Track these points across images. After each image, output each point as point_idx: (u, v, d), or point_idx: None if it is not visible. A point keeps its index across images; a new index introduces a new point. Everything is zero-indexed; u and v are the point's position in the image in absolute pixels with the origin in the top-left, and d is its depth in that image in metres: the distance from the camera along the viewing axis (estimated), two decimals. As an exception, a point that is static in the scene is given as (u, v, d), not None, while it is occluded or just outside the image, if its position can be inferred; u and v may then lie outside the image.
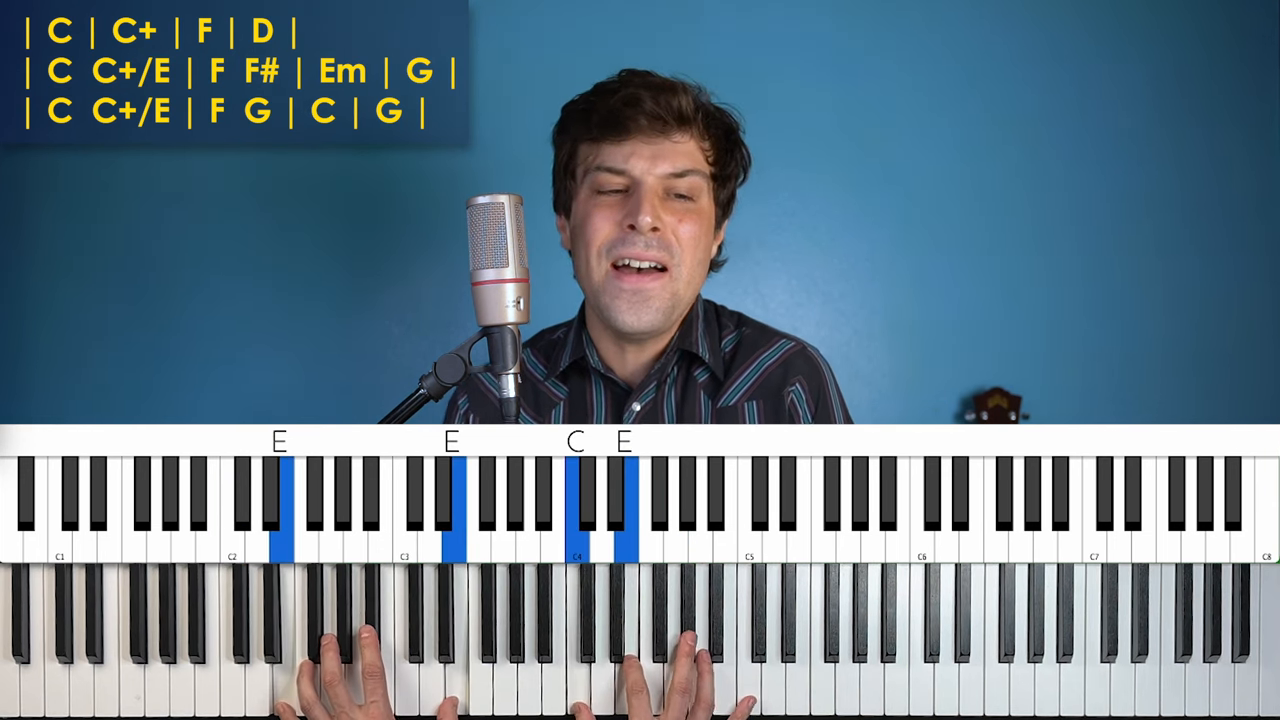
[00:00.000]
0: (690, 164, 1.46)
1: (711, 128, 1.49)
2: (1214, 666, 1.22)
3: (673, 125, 1.45)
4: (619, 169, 1.45)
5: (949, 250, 2.47)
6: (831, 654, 1.22)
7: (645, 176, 1.44)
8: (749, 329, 1.57)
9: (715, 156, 1.49)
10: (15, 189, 2.39)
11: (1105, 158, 2.47)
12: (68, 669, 1.22)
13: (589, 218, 1.46)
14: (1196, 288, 2.48)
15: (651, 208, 1.42)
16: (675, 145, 1.45)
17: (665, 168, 1.45)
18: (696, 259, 1.47)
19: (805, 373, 1.52)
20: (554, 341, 1.60)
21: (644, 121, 1.44)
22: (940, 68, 2.45)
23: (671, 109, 1.44)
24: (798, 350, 1.54)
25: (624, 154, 1.45)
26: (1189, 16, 2.46)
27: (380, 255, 2.44)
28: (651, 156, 1.44)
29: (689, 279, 1.47)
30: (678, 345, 1.51)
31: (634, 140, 1.44)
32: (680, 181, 1.45)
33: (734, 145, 1.52)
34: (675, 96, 1.45)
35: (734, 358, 1.53)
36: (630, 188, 1.45)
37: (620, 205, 1.45)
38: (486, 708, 1.22)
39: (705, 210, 1.48)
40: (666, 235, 1.44)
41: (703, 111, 1.48)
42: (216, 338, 2.43)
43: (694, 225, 1.46)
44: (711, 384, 1.51)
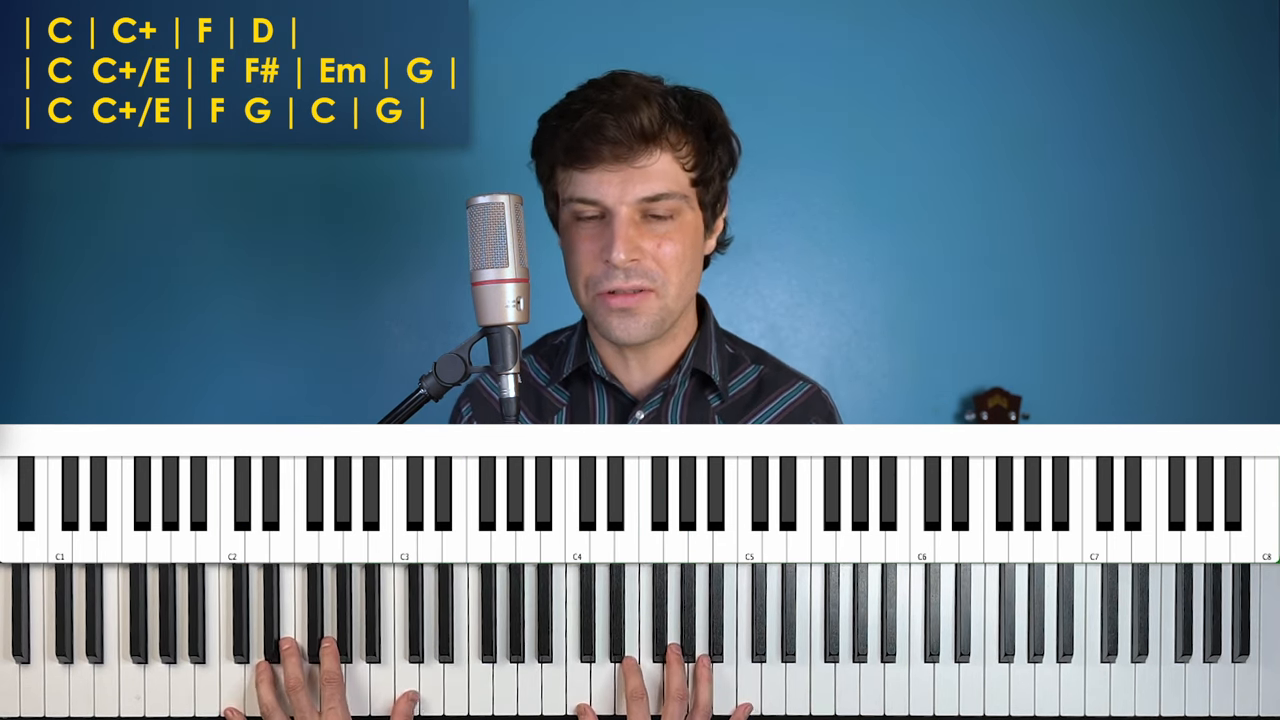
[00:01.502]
0: (663, 186, 1.38)
1: (688, 132, 1.40)
2: (1214, 666, 1.22)
3: (639, 147, 1.36)
4: (591, 200, 1.39)
5: (949, 250, 2.47)
6: (831, 654, 1.22)
7: (617, 206, 1.37)
8: (768, 366, 1.55)
9: (695, 161, 1.41)
10: (15, 189, 2.39)
11: (1105, 158, 2.47)
12: (68, 669, 1.22)
13: (572, 248, 1.43)
14: (1196, 288, 2.49)
15: (625, 241, 1.37)
16: (645, 168, 1.37)
17: (636, 193, 1.37)
18: (684, 272, 1.42)
19: (823, 415, 1.53)
20: (557, 347, 1.59)
21: (606, 151, 1.36)
22: (940, 68, 2.45)
23: (634, 130, 1.35)
24: (815, 393, 1.54)
25: (593, 183, 1.38)
26: (1189, 19, 2.46)
27: (380, 255, 2.44)
28: (621, 184, 1.37)
29: (678, 292, 1.43)
30: (692, 365, 1.50)
31: (600, 169, 1.37)
32: (657, 205, 1.38)
33: (716, 142, 1.43)
34: (637, 114, 1.35)
35: (757, 391, 1.52)
36: (605, 214, 1.39)
37: (599, 234, 1.40)
38: (486, 708, 1.22)
39: (688, 223, 1.42)
40: (646, 263, 1.39)
41: (671, 121, 1.38)
42: (216, 337, 2.43)
43: (676, 244, 1.40)
44: (729, 414, 1.50)
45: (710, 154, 1.43)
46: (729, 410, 1.51)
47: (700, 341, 1.52)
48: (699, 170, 1.42)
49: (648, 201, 1.38)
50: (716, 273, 1.62)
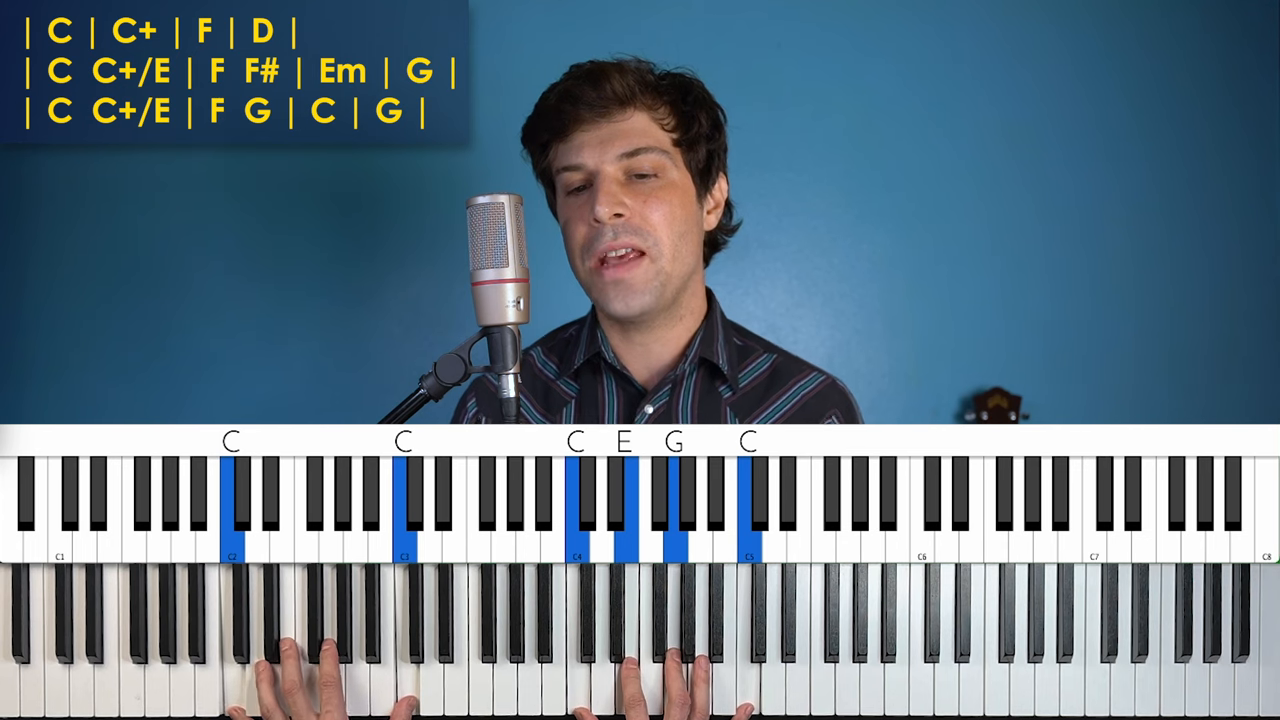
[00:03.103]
0: (643, 141, 1.41)
1: (663, 94, 1.44)
2: (1214, 666, 1.22)
3: (614, 107, 1.41)
4: (574, 165, 1.42)
5: (949, 250, 2.47)
6: (831, 654, 1.22)
7: (600, 166, 1.41)
8: (781, 356, 1.55)
9: (675, 123, 1.44)
10: (15, 189, 2.39)
11: (1105, 158, 2.47)
12: (68, 669, 1.22)
13: (566, 223, 1.46)
14: (1197, 288, 2.49)
15: (608, 196, 1.39)
16: (622, 125, 1.41)
17: (616, 149, 1.41)
18: (676, 233, 1.42)
19: (841, 407, 1.52)
20: (566, 340, 1.58)
21: (583, 111, 1.41)
22: (940, 67, 2.45)
23: (607, 93, 1.40)
24: (831, 383, 1.53)
25: (574, 149, 1.42)
26: (1189, 19, 2.46)
27: (380, 255, 2.44)
28: (599, 143, 1.41)
29: (673, 255, 1.43)
30: (699, 354, 1.49)
31: (579, 133, 1.42)
32: (638, 161, 1.41)
33: (695, 105, 1.46)
34: (609, 80, 1.41)
35: (771, 381, 1.52)
36: (591, 179, 1.42)
37: (588, 201, 1.42)
38: (487, 708, 1.22)
39: (676, 183, 1.44)
40: (633, 219, 1.40)
41: (644, 84, 1.43)
42: (216, 337, 2.43)
43: (663, 202, 1.41)
44: (742, 405, 1.49)
45: (690, 116, 1.45)
46: (741, 402, 1.50)
47: (707, 329, 1.51)
48: (679, 131, 1.44)
49: (628, 158, 1.41)
50: (716, 272, 1.62)
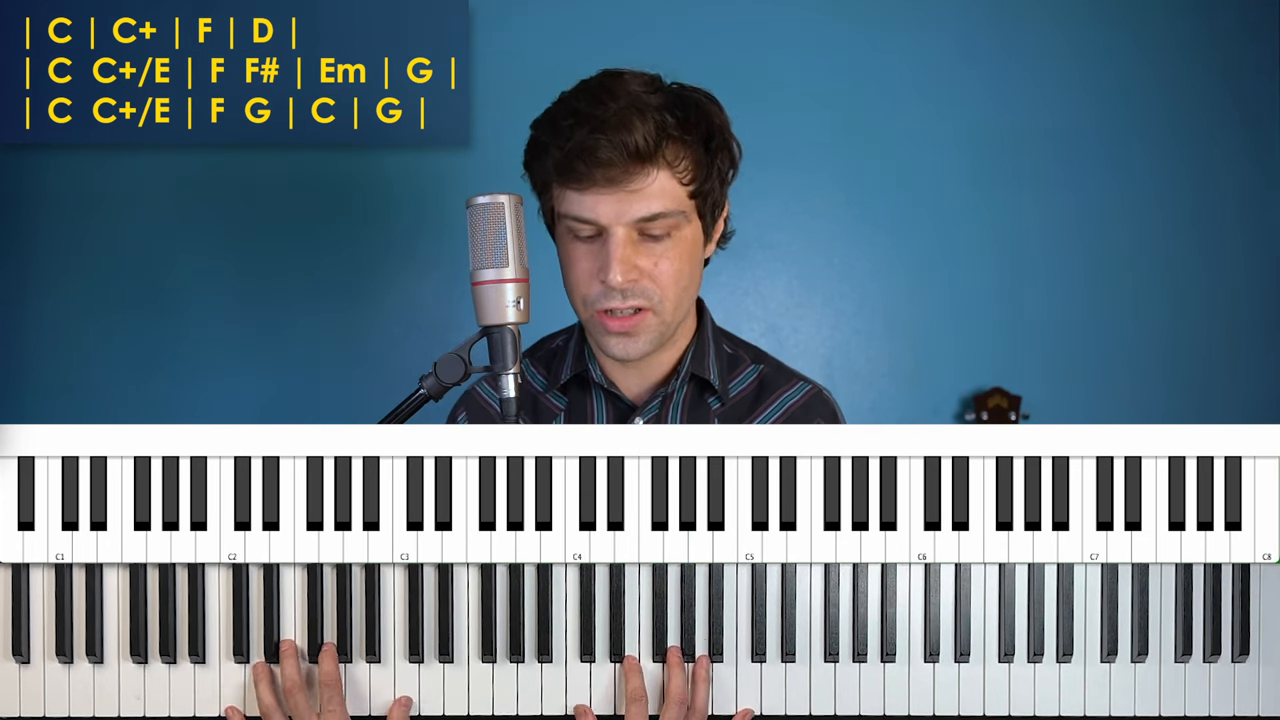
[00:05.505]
0: (661, 205, 1.33)
1: (686, 145, 1.35)
2: (1214, 666, 1.22)
3: (634, 168, 1.31)
4: (586, 219, 1.34)
5: (949, 250, 2.47)
6: (831, 654, 1.22)
7: (613, 226, 1.33)
8: (768, 366, 1.54)
9: (693, 175, 1.36)
10: (15, 189, 2.39)
11: (1105, 158, 2.47)
12: (68, 669, 1.22)
13: (569, 264, 1.40)
14: (1197, 288, 2.49)
15: (621, 262, 1.33)
16: (641, 189, 1.32)
17: (633, 214, 1.33)
18: (680, 287, 1.39)
19: (826, 417, 1.52)
20: (553, 351, 1.57)
21: (599, 174, 1.31)
22: (940, 67, 2.45)
23: (628, 150, 1.30)
24: (816, 393, 1.53)
25: (589, 204, 1.33)
26: (1189, 20, 2.46)
27: (380, 255, 2.44)
28: (616, 204, 1.32)
29: (675, 307, 1.40)
30: (690, 370, 1.48)
31: (594, 191, 1.32)
32: (653, 224, 1.34)
33: (715, 152, 1.38)
34: (632, 132, 1.30)
35: (758, 392, 1.52)
36: (601, 233, 1.35)
37: (596, 252, 1.36)
38: (486, 708, 1.22)
39: (686, 238, 1.38)
40: (643, 282, 1.35)
41: (668, 137, 1.33)
42: (216, 337, 2.43)
43: (673, 262, 1.37)
44: (730, 416, 1.49)
45: (709, 165, 1.38)
46: (729, 414, 1.50)
47: (698, 344, 1.50)
48: (697, 183, 1.37)
49: (645, 221, 1.34)
50: (716, 272, 1.62)
